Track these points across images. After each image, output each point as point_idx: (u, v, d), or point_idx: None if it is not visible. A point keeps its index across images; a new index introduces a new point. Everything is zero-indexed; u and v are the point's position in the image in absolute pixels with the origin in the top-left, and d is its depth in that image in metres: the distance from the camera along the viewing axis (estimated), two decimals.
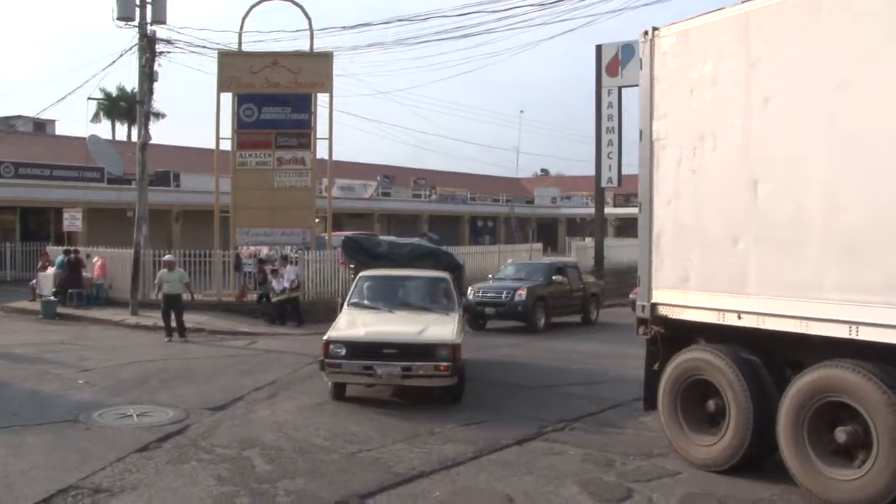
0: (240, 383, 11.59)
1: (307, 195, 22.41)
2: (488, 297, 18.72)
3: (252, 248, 22.36)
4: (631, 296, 12.23)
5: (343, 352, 9.74)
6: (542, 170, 72.12)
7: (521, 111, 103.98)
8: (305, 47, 22.43)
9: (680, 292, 7.68)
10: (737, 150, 7.14)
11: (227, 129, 22.07)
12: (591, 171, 32.63)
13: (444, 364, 9.62)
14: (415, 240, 17.52)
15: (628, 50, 32.34)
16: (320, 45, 24.09)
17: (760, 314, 6.83)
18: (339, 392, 10.18)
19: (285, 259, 20.25)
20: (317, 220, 23.98)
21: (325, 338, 9.90)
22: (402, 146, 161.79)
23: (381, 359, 9.64)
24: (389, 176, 46.61)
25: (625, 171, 33.86)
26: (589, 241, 38.02)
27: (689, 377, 7.62)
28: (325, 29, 31.99)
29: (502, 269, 22.38)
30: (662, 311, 7.91)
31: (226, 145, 22.16)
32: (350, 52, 24.53)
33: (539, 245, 34.74)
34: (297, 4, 22.64)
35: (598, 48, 32.61)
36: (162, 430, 8.68)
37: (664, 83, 7.89)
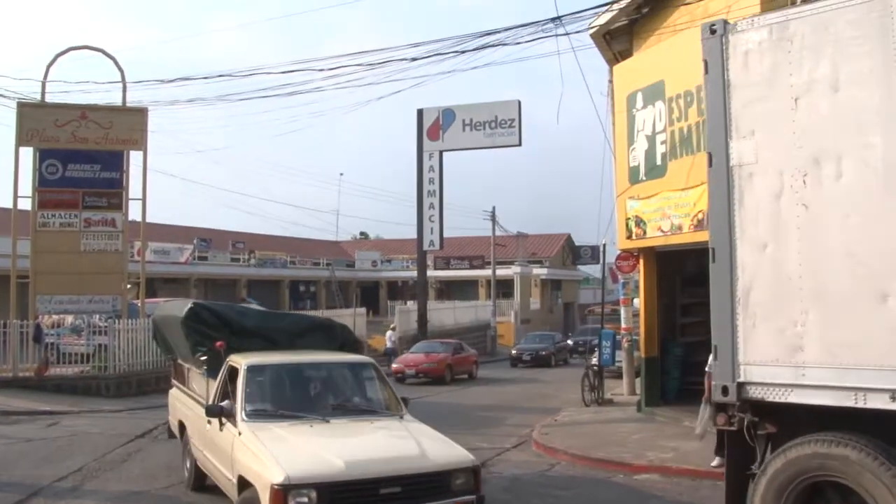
0: (38, 473, 10.17)
1: (118, 259, 20.76)
2: None
3: (55, 317, 20.78)
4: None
5: (314, 502, 5.84)
6: (362, 233, 70.32)
7: (341, 174, 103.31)
8: (118, 100, 20.96)
9: (788, 368, 5.69)
10: (878, 176, 5.35)
11: (27, 186, 19.99)
12: (410, 234, 33.26)
13: (466, 500, 6.37)
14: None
15: (448, 114, 32.94)
16: (135, 97, 22.21)
17: None
18: None
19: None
20: (129, 286, 21.74)
21: (275, 480, 5.78)
22: (220, 208, 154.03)
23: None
24: (206, 239, 42.89)
25: (446, 234, 34.09)
26: (411, 305, 37.29)
27: (805, 479, 5.61)
28: (140, 82, 29.01)
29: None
30: (757, 392, 5.88)
31: (25, 204, 20.11)
32: (169, 106, 22.41)
33: (363, 310, 33.53)
34: (109, 56, 21.27)
35: (420, 112, 33.68)
36: None
37: (748, 91, 6.02)
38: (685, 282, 16.26)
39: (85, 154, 20.29)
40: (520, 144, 33.36)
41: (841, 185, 5.52)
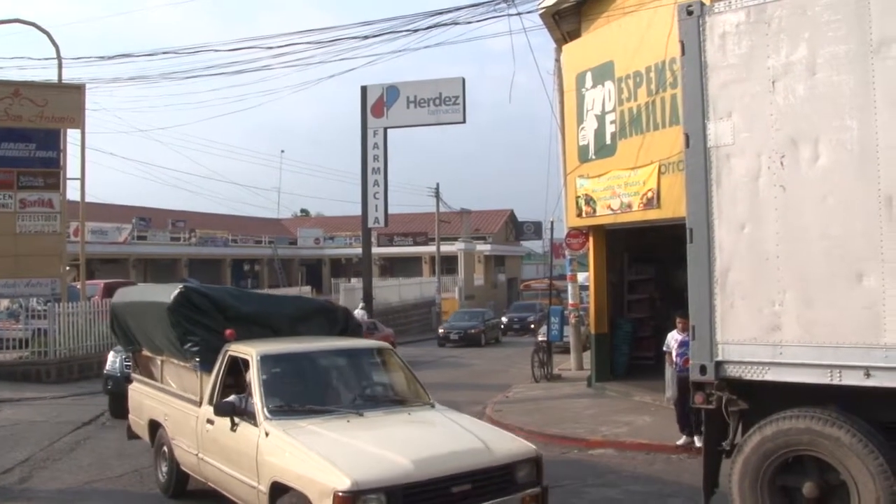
0: None
1: (56, 241, 19.87)
2: None
3: None
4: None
5: None
6: (303, 210, 69.13)
7: (282, 151, 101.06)
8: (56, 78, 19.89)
9: (766, 347, 5.81)
10: (854, 158, 5.46)
11: None
12: (352, 211, 32.48)
13: (532, 493, 6.00)
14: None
15: (392, 91, 32.81)
16: (74, 75, 21.35)
17: None
18: None
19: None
20: (67, 268, 20.98)
21: (340, 487, 5.14)
22: (161, 187, 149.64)
23: None
24: (146, 218, 41.57)
25: (390, 211, 34.07)
26: (355, 282, 37.03)
27: (783, 455, 5.75)
28: (79, 58, 27.90)
29: None
30: (735, 371, 5.98)
31: None
32: (110, 84, 21.58)
33: (307, 288, 32.83)
34: (43, 31, 20.18)
35: (364, 89, 33.50)
36: None
37: (725, 73, 6.06)
38: (632, 259, 16.53)
39: (19, 132, 19.23)
40: (464, 121, 33.17)
41: (818, 167, 5.62)
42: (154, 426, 8.72)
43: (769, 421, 5.82)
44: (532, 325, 32.91)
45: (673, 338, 10.12)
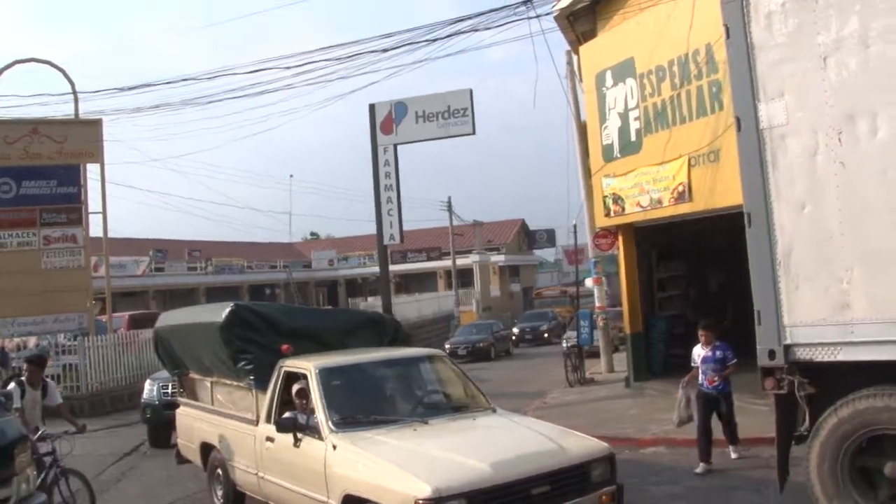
0: None
1: (82, 275, 20.22)
2: None
3: (17, 339, 19.71)
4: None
5: None
6: (312, 233, 69.09)
7: (292, 175, 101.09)
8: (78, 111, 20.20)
9: (836, 327, 5.70)
10: None
11: None
12: (361, 230, 31.99)
13: (608, 491, 5.91)
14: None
15: (401, 108, 32.63)
16: (96, 107, 21.55)
17: None
18: None
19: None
20: (92, 303, 20.97)
21: (421, 495, 5.05)
22: (180, 216, 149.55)
23: None
24: (162, 249, 41.77)
25: (405, 227, 33.88)
26: (373, 301, 36.90)
27: (861, 435, 5.64)
28: (97, 91, 28.04)
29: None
30: (805, 353, 5.88)
31: None
32: (133, 114, 21.65)
33: (328, 308, 32.30)
34: (58, 68, 20.69)
35: (372, 107, 33.20)
36: None
37: (774, 53, 6.00)
38: (660, 257, 16.43)
39: (39, 170, 19.62)
40: (474, 133, 32.95)
41: (877, 141, 5.54)
42: (206, 449, 8.62)
43: (845, 402, 5.72)
44: (546, 335, 32.26)
45: (696, 353, 9.06)
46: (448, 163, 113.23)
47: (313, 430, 6.33)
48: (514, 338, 33.00)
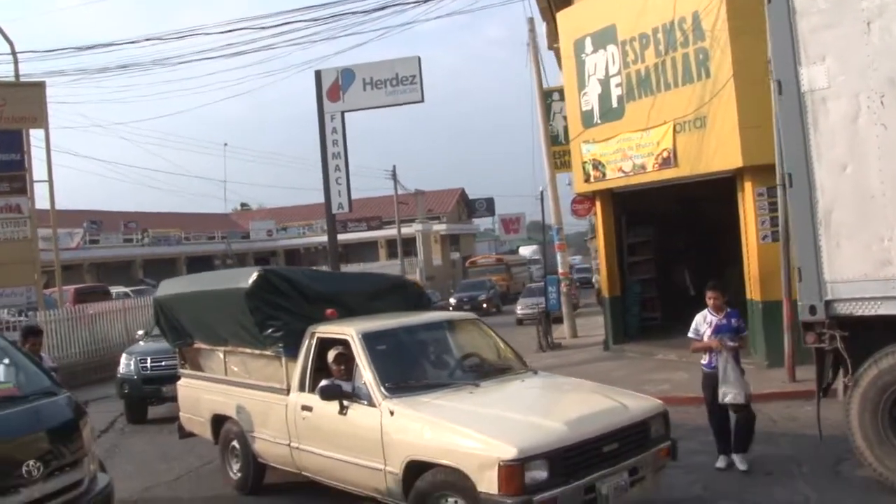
0: None
1: (27, 247, 19.18)
2: None
3: None
4: None
5: (545, 473, 5.08)
6: (242, 204, 67.19)
7: (226, 144, 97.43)
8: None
9: (878, 282, 5.97)
10: None
11: None
12: (301, 199, 31.32)
13: (665, 447, 5.99)
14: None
15: (348, 74, 32.30)
16: (52, 67, 20.40)
17: None
18: None
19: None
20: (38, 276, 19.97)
21: (506, 456, 4.97)
22: (130, 186, 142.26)
23: (602, 465, 5.39)
24: (97, 221, 40.25)
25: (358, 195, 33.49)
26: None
27: None
28: (55, 50, 26.47)
29: None
30: (846, 308, 6.14)
31: None
32: (97, 75, 20.80)
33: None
34: None
35: (318, 74, 32.87)
36: None
37: (815, 18, 6.16)
38: (629, 222, 16.75)
39: None
40: (422, 100, 32.89)
41: None
42: (218, 421, 8.36)
43: (884, 354, 6.00)
44: (484, 305, 31.59)
45: (705, 319, 7.35)
46: (384, 131, 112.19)
47: (362, 397, 6.22)
48: (451, 308, 31.53)
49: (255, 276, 7.30)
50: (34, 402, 5.50)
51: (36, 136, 19.57)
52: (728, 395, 7.05)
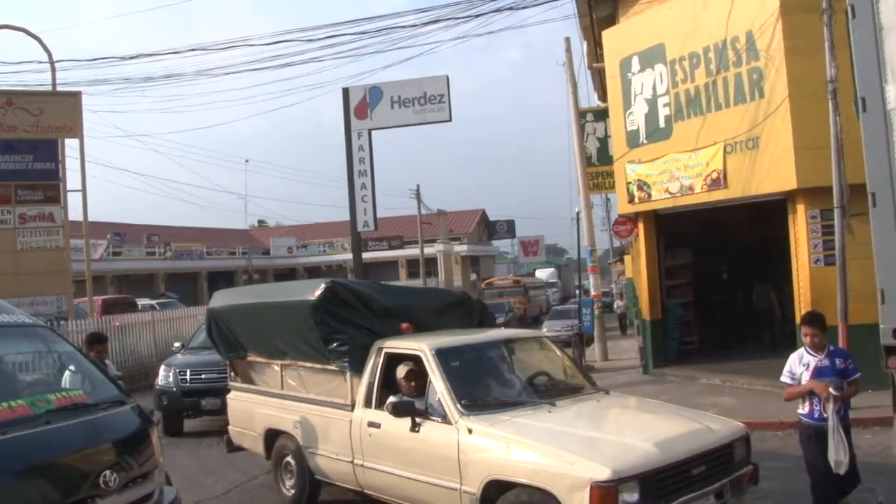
0: None
1: (60, 256, 19.24)
2: None
3: None
4: None
5: (637, 496, 4.91)
6: (260, 221, 67.33)
7: (247, 160, 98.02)
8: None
9: None
10: None
11: None
12: (323, 218, 31.18)
13: (749, 471, 5.79)
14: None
15: (376, 92, 32.41)
16: (84, 77, 20.57)
17: None
18: None
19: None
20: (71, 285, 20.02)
21: (599, 477, 4.82)
22: (135, 196, 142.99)
23: (690, 488, 5.21)
24: (120, 233, 40.42)
25: (379, 214, 33.53)
26: None
27: None
28: (97, 59, 26.69)
29: None
30: None
31: None
32: (140, 84, 20.92)
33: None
34: (34, 36, 19.81)
35: (346, 91, 32.99)
36: None
37: None
38: (668, 245, 16.58)
39: (14, 144, 18.51)
40: (450, 119, 33.03)
41: None
42: (272, 436, 8.24)
43: None
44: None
45: (801, 360, 6.12)
46: (407, 152, 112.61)
47: (436, 414, 6.07)
48: None
49: (322, 288, 7.17)
50: (107, 411, 5.34)
51: (70, 145, 19.68)
52: (842, 465, 5.74)
